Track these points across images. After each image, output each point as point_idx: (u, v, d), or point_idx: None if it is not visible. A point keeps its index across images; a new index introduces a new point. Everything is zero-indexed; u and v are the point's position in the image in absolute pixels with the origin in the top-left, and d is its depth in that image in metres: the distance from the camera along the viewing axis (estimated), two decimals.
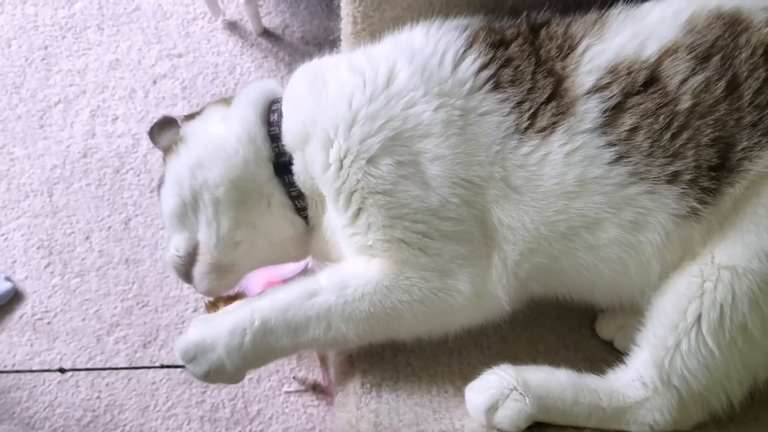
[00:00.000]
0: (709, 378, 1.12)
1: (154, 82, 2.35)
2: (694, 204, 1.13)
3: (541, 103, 1.18)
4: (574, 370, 1.18)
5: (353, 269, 1.24)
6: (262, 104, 1.37)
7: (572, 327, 1.31)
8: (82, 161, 2.20)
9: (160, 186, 1.39)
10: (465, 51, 1.24)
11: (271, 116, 1.34)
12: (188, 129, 1.42)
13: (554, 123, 1.17)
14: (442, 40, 1.26)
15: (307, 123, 1.27)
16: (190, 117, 1.47)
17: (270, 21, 2.46)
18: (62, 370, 1.64)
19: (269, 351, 1.24)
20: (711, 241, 1.14)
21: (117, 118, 2.27)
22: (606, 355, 1.25)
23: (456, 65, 1.23)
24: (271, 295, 1.25)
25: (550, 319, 1.27)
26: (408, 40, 1.29)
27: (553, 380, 1.16)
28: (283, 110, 1.33)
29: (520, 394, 1.12)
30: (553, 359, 1.18)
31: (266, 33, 2.43)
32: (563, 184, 1.16)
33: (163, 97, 2.32)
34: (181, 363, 1.25)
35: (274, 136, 1.32)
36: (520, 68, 1.21)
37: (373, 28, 1.37)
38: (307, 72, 1.37)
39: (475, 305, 1.21)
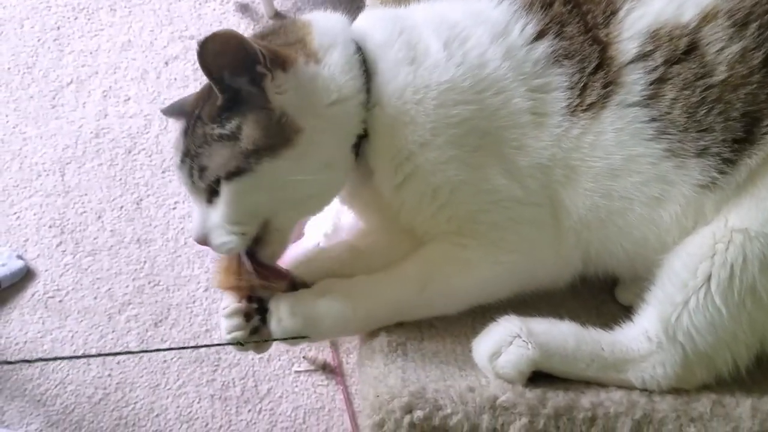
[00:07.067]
0: (715, 337, 1.11)
1: (166, 63, 2.36)
2: (715, 174, 1.13)
3: (590, 74, 1.18)
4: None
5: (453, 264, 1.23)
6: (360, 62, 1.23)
7: (593, 292, 1.30)
8: (94, 141, 2.21)
9: (231, 177, 1.16)
10: (527, 21, 1.22)
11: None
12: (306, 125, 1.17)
13: (605, 97, 1.16)
14: (508, 10, 1.23)
15: (406, 100, 1.19)
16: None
17: (282, 4, 2.47)
18: None
19: None
20: (725, 207, 1.14)
21: (129, 98, 2.28)
22: (628, 320, 1.25)
23: (525, 39, 1.21)
24: None
25: (571, 284, 1.26)
26: (476, 8, 1.25)
27: (556, 329, 1.15)
28: (379, 69, 1.22)
29: (524, 341, 1.12)
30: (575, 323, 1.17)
31: (278, 16, 2.45)
32: (611, 164, 1.16)
33: (175, 79, 2.33)
34: None
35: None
36: (573, 37, 1.19)
37: None
38: (398, 30, 1.24)
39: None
